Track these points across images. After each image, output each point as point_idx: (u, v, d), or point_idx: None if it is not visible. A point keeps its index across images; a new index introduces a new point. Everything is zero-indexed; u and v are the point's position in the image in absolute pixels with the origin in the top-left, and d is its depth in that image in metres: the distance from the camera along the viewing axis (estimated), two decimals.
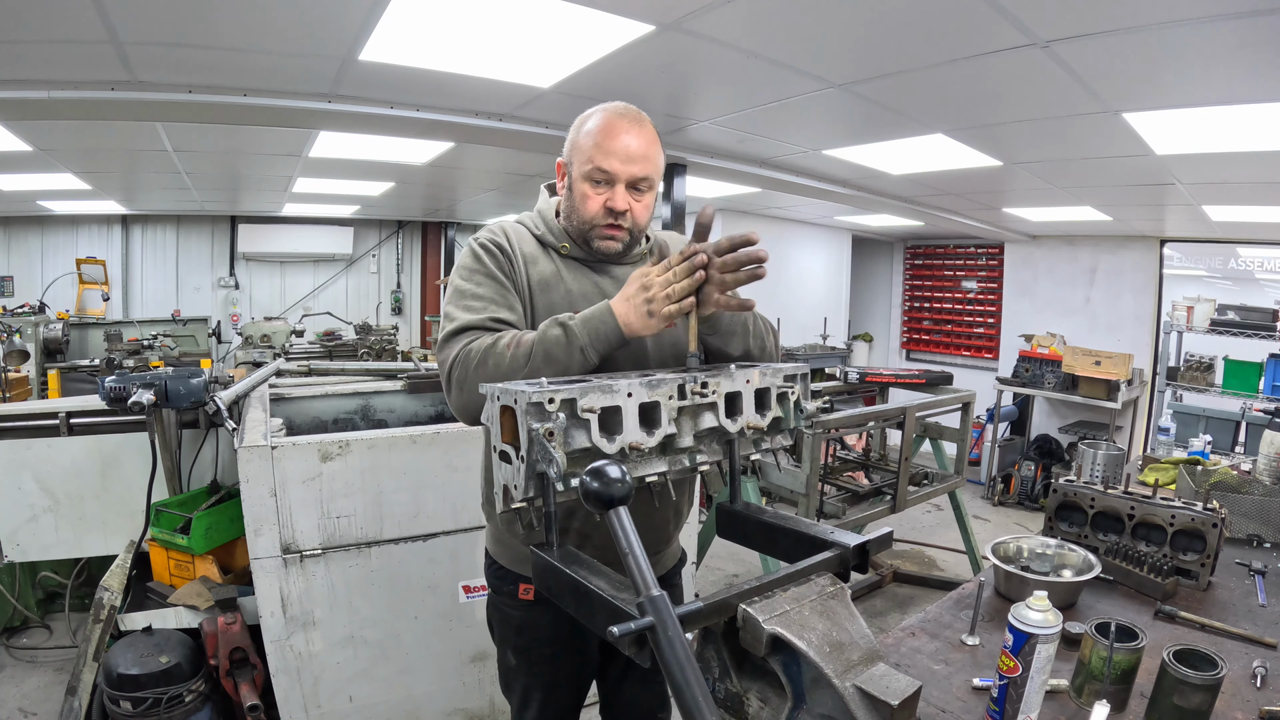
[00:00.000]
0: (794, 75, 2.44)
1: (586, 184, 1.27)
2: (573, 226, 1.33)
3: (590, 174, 1.26)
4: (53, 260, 6.89)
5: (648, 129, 1.28)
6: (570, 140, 1.31)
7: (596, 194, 1.27)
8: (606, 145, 1.24)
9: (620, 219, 1.29)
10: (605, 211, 1.28)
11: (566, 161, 1.32)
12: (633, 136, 1.25)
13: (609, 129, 1.25)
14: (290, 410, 2.90)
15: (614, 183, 1.26)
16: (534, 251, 1.34)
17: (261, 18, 2.06)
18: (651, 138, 1.28)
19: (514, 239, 1.34)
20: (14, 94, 2.49)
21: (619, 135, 1.25)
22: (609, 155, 1.24)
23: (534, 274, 1.32)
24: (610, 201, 1.27)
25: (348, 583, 2.20)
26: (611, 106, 1.29)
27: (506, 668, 1.48)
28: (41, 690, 2.64)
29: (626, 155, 1.25)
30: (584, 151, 1.26)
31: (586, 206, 1.29)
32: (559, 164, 1.36)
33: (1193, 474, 2.31)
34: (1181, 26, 1.79)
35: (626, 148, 1.25)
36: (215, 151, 4.25)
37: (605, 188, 1.27)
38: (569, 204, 1.32)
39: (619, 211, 1.28)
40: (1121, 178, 3.68)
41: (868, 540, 1.03)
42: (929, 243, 7.67)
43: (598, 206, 1.28)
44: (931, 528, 5.03)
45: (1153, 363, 5.75)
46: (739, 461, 1.15)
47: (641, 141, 1.26)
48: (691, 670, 0.71)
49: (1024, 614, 1.10)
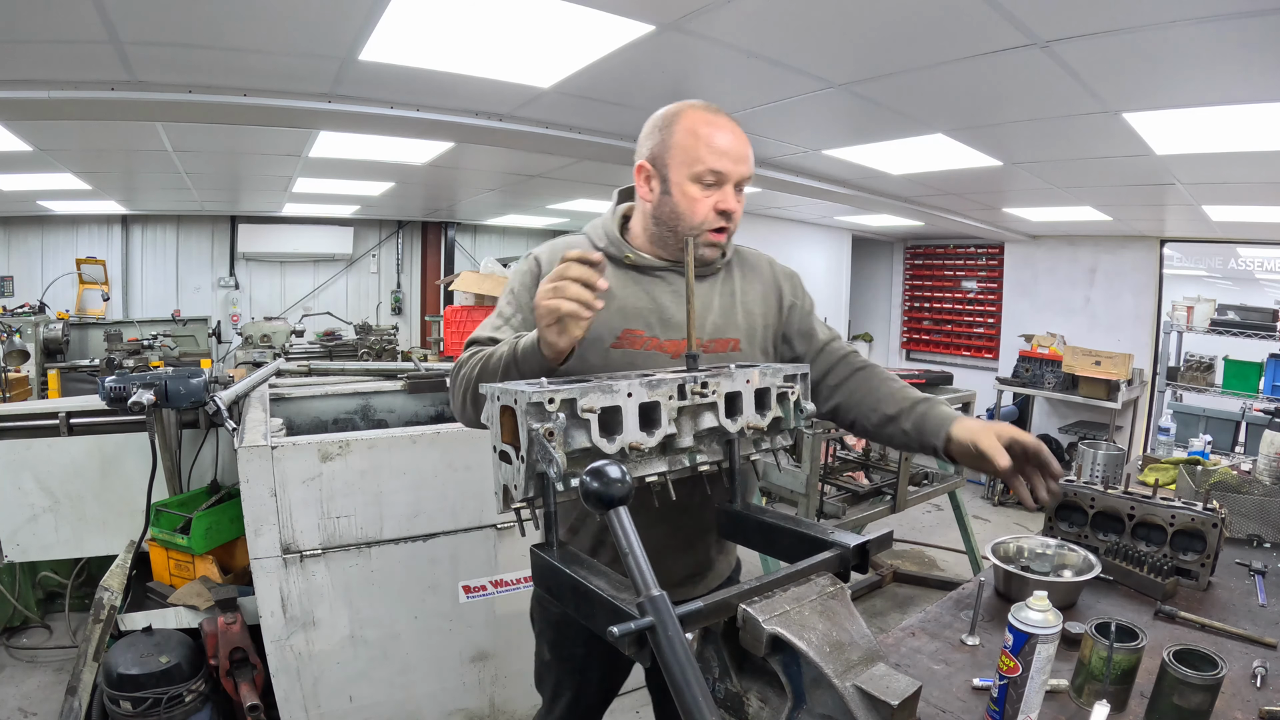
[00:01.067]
0: (794, 75, 2.44)
1: (695, 186, 1.22)
2: (671, 233, 1.27)
3: (700, 175, 1.21)
4: (53, 260, 6.88)
5: (739, 127, 1.25)
6: (659, 141, 1.24)
7: (705, 196, 1.22)
8: (716, 145, 1.20)
9: (729, 221, 1.25)
10: (716, 214, 1.23)
11: (658, 163, 1.24)
12: (735, 135, 1.22)
13: (712, 127, 1.21)
14: (290, 410, 2.90)
15: (725, 183, 1.22)
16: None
17: (261, 18, 2.06)
18: (746, 136, 1.25)
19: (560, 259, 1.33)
20: (14, 94, 2.49)
21: (724, 133, 1.21)
22: (721, 155, 1.20)
23: None
24: (722, 203, 1.23)
25: (348, 583, 2.20)
26: (701, 104, 1.25)
27: (541, 662, 1.52)
28: (41, 690, 2.64)
29: (737, 155, 1.21)
30: (688, 152, 1.21)
31: (695, 209, 1.23)
32: (641, 165, 1.27)
33: (1193, 474, 2.31)
34: (1181, 26, 1.79)
35: (734, 146, 1.21)
36: (215, 151, 4.25)
37: (715, 189, 1.22)
38: (666, 208, 1.25)
39: (730, 212, 1.24)
40: (1121, 178, 3.68)
41: (868, 540, 1.03)
42: (929, 243, 7.67)
43: (707, 209, 1.23)
44: (931, 528, 5.03)
45: (1153, 363, 5.75)
46: (739, 461, 1.15)
47: (743, 140, 1.23)
48: (691, 670, 0.71)
49: (1024, 614, 1.10)
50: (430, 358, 5.96)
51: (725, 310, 1.35)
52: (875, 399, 1.36)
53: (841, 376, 1.41)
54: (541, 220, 8.20)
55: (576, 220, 7.96)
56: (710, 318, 1.32)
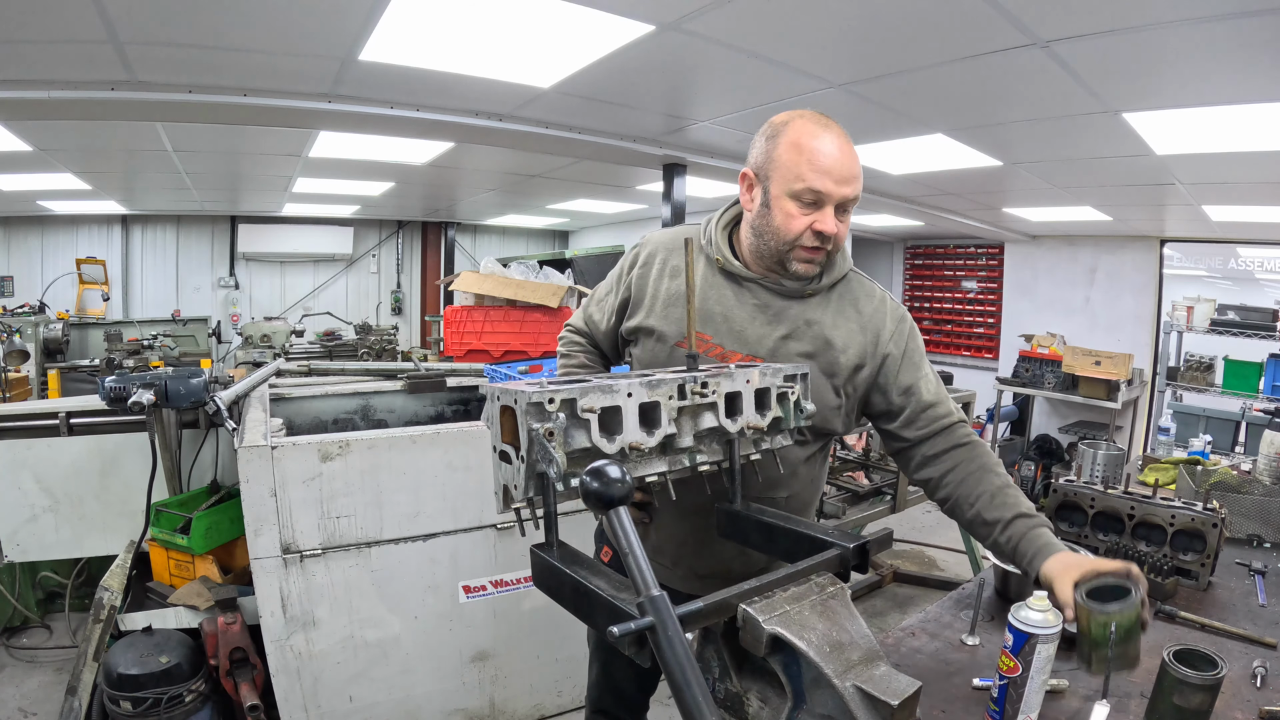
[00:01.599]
0: (794, 75, 2.44)
1: (793, 203, 1.19)
2: (766, 246, 1.24)
3: (799, 193, 1.17)
4: (53, 260, 6.88)
5: (851, 145, 1.20)
6: (764, 151, 1.21)
7: (803, 214, 1.19)
8: (819, 163, 1.16)
9: (825, 242, 1.21)
10: (812, 234, 1.19)
11: (761, 174, 1.22)
12: (846, 154, 1.18)
13: (817, 143, 1.17)
14: (290, 410, 2.90)
15: (824, 204, 1.18)
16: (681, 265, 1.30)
17: (261, 18, 2.06)
18: (856, 154, 1.20)
19: (662, 253, 1.37)
20: (14, 94, 2.49)
21: (829, 151, 1.16)
22: (823, 175, 1.16)
23: (670, 287, 1.32)
24: (819, 224, 1.18)
25: (348, 583, 2.20)
26: (812, 116, 1.20)
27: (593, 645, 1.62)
28: (41, 690, 2.64)
29: (841, 176, 1.17)
30: (790, 167, 1.17)
31: (790, 226, 1.19)
32: (745, 173, 1.25)
33: (1193, 474, 2.31)
34: (1181, 26, 1.79)
35: (839, 167, 1.16)
36: (215, 151, 4.25)
37: (813, 209, 1.18)
38: (763, 220, 1.23)
39: (828, 235, 1.20)
40: (1121, 178, 3.68)
41: (868, 540, 1.03)
42: (929, 243, 7.67)
43: (803, 227, 1.19)
44: (931, 528, 5.03)
45: (1153, 363, 5.74)
46: (739, 461, 1.15)
47: (851, 159, 1.18)
48: (691, 670, 0.71)
49: (1024, 614, 1.10)
50: (430, 358, 5.96)
51: (804, 336, 1.29)
52: (975, 494, 1.26)
53: (940, 448, 1.30)
54: (541, 220, 8.20)
55: (576, 220, 7.97)
56: (786, 342, 1.28)
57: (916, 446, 1.32)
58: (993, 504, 1.23)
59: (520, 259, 5.58)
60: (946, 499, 1.30)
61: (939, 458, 1.30)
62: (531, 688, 2.56)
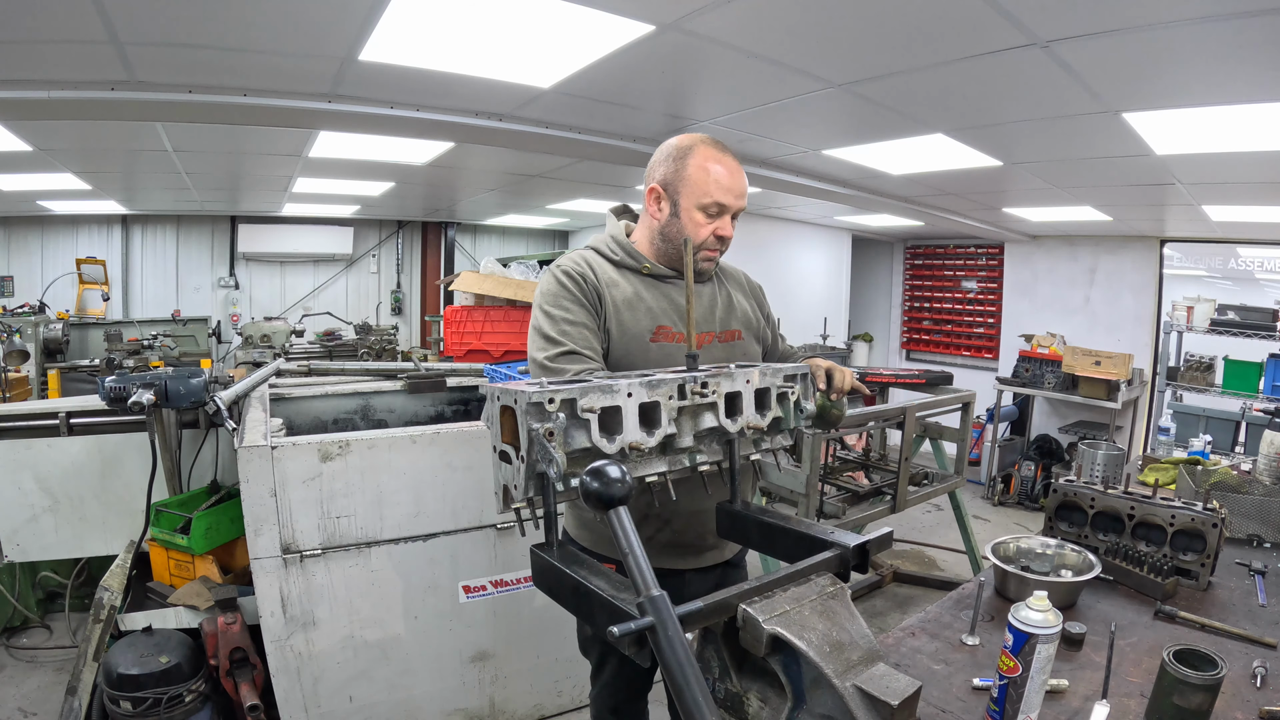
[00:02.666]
0: (794, 75, 2.44)
1: (701, 214, 1.44)
2: (673, 248, 1.49)
3: (706, 206, 1.44)
4: (53, 260, 6.88)
5: (739, 165, 1.48)
6: (673, 170, 1.46)
7: (708, 223, 1.45)
8: (725, 183, 1.43)
9: (723, 244, 1.49)
10: (715, 239, 1.47)
11: (670, 189, 1.46)
12: (737, 174, 1.45)
13: (725, 168, 1.43)
14: (290, 410, 2.90)
15: (725, 214, 1.46)
16: (612, 275, 1.50)
17: (261, 18, 2.06)
18: (743, 170, 1.48)
19: (593, 265, 1.51)
20: (14, 94, 2.49)
21: (729, 172, 1.44)
22: (726, 191, 1.43)
23: (617, 295, 1.47)
24: (721, 230, 1.46)
25: (348, 583, 2.20)
26: (711, 141, 1.46)
27: (584, 635, 1.64)
28: (41, 690, 2.64)
29: (737, 191, 1.45)
30: (699, 185, 1.43)
31: (699, 233, 1.45)
32: (653, 189, 1.49)
33: (1193, 474, 2.31)
34: (1181, 26, 1.79)
35: (736, 184, 1.45)
36: (215, 151, 4.24)
37: (716, 219, 1.46)
38: (674, 228, 1.47)
39: (727, 239, 1.48)
40: (1121, 178, 3.68)
41: (868, 540, 1.03)
42: (929, 243, 7.67)
43: (708, 233, 1.46)
44: (931, 528, 5.03)
45: (1153, 363, 5.74)
46: (739, 461, 1.15)
47: (742, 177, 1.46)
48: (691, 670, 0.71)
49: (1024, 614, 1.10)
50: (430, 358, 5.96)
51: (726, 307, 1.61)
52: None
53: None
54: (541, 220, 8.19)
55: (576, 220, 7.97)
56: (718, 312, 1.58)
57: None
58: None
59: (520, 259, 5.58)
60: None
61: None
62: (531, 688, 2.56)
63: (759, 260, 6.45)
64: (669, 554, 1.49)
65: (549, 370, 1.33)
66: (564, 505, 1.51)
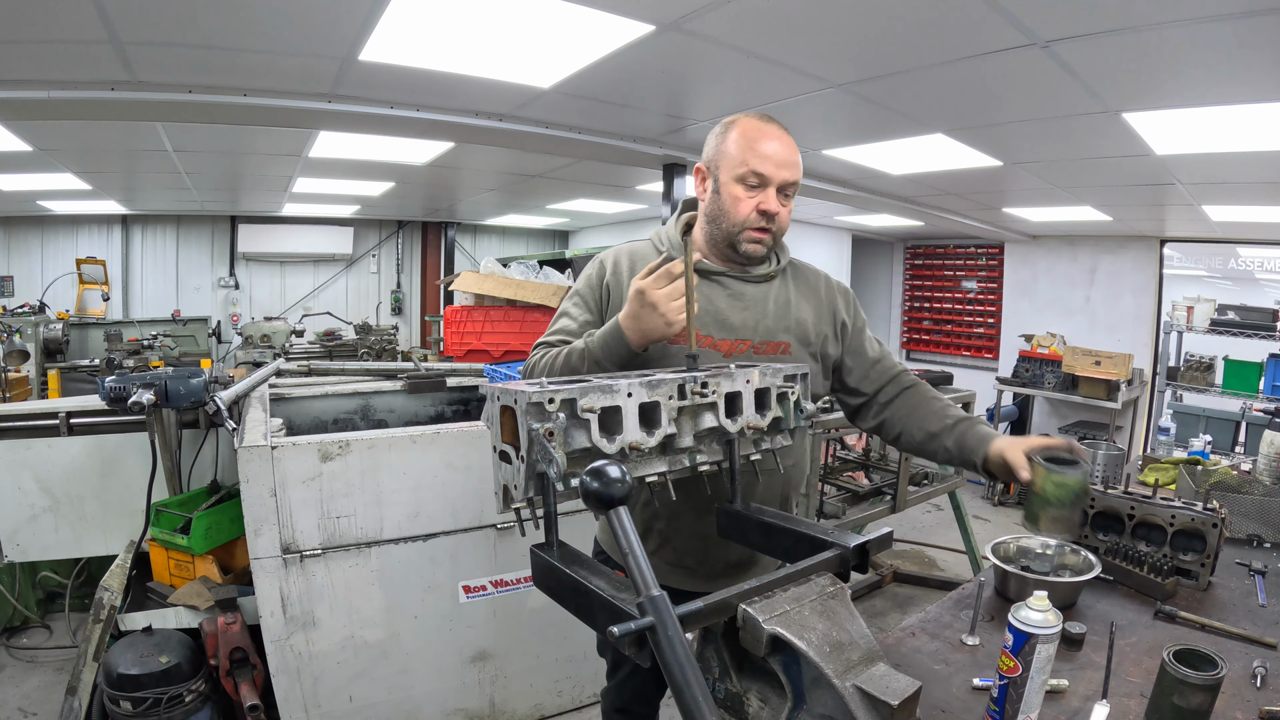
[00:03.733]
0: (794, 75, 2.44)
1: (739, 187, 1.32)
2: (719, 230, 1.37)
3: (744, 177, 1.31)
4: (53, 260, 6.88)
5: (790, 137, 1.34)
6: (714, 146, 1.36)
7: (749, 197, 1.32)
8: (760, 149, 1.29)
9: (770, 222, 1.34)
10: (758, 214, 1.32)
11: (712, 166, 1.36)
12: (782, 143, 1.31)
13: (759, 134, 1.31)
14: (290, 410, 2.90)
15: (767, 186, 1.31)
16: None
17: (261, 18, 2.06)
18: (795, 145, 1.34)
19: (627, 262, 1.42)
20: (14, 94, 2.49)
21: (770, 140, 1.30)
22: (764, 159, 1.29)
23: None
24: (763, 204, 1.32)
25: (348, 583, 2.20)
26: (757, 115, 1.34)
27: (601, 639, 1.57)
28: (41, 690, 2.64)
29: (779, 160, 1.30)
30: (734, 156, 1.31)
31: (738, 209, 1.33)
32: (699, 168, 1.40)
33: (1193, 474, 2.31)
34: (1181, 26, 1.79)
35: (780, 152, 1.30)
36: (215, 151, 4.25)
37: (758, 191, 1.32)
38: (715, 208, 1.36)
39: (771, 214, 1.32)
40: (1121, 178, 3.68)
41: (868, 540, 1.03)
42: (929, 243, 7.67)
43: (749, 209, 1.32)
44: (931, 528, 5.03)
45: (1153, 363, 5.74)
46: (739, 461, 1.15)
47: (790, 148, 1.32)
48: (691, 670, 0.71)
49: (1024, 614, 1.10)
50: (430, 358, 5.96)
51: (778, 315, 1.43)
52: (920, 416, 1.45)
53: (891, 395, 1.50)
54: (541, 220, 8.19)
55: (576, 220, 7.97)
56: (764, 321, 1.41)
57: (873, 398, 1.51)
58: (935, 418, 1.43)
59: (520, 259, 5.58)
60: (900, 434, 1.48)
61: (891, 403, 1.49)
62: (531, 688, 2.56)
63: None
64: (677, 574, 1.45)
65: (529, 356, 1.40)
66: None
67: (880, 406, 1.51)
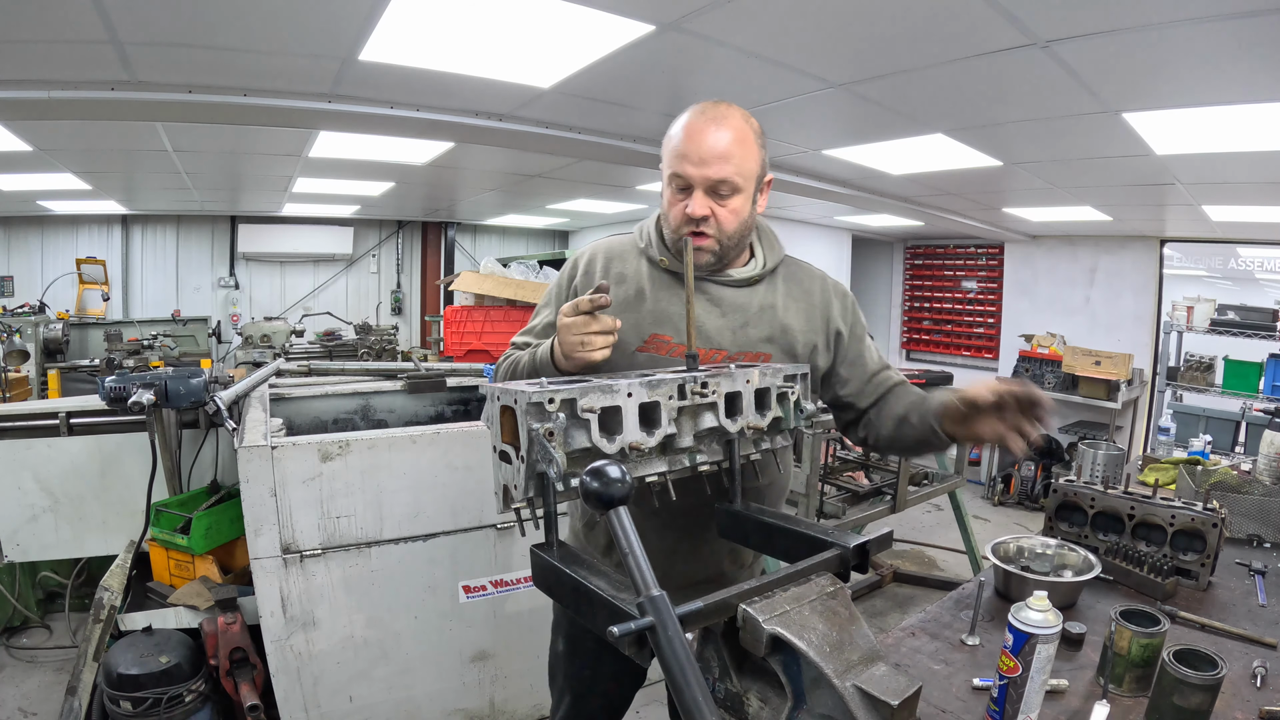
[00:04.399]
0: (794, 75, 2.44)
1: (669, 190, 1.23)
2: (667, 236, 1.28)
3: (670, 180, 1.22)
4: (53, 260, 6.88)
5: (732, 125, 1.18)
6: (664, 143, 1.25)
7: (679, 200, 1.21)
8: (684, 148, 1.18)
9: (702, 226, 1.20)
10: (685, 219, 1.21)
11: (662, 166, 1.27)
12: (710, 135, 1.17)
13: (689, 130, 1.19)
14: (290, 410, 2.90)
15: (691, 188, 1.19)
16: (625, 271, 1.32)
17: (261, 18, 2.06)
18: (737, 135, 1.19)
19: (602, 260, 1.34)
20: (14, 94, 2.49)
21: (697, 136, 1.17)
22: (683, 159, 1.18)
23: (621, 293, 1.28)
24: (691, 209, 1.19)
25: (348, 583, 2.20)
26: (698, 105, 1.22)
27: (555, 654, 1.51)
28: (41, 690, 2.64)
29: (700, 158, 1.17)
30: (666, 156, 1.22)
31: (671, 214, 1.23)
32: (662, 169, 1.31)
33: (1193, 474, 2.31)
34: (1181, 26, 1.79)
35: (701, 149, 1.17)
36: (215, 151, 4.24)
37: (685, 194, 1.20)
38: (663, 212, 1.28)
39: (696, 218, 1.19)
40: (1121, 178, 3.68)
41: (868, 540, 1.03)
42: (929, 243, 7.67)
43: (680, 213, 1.21)
44: (931, 528, 5.03)
45: (1153, 363, 5.74)
46: (739, 461, 1.15)
47: (721, 141, 1.17)
48: (691, 670, 0.71)
49: (1024, 614, 1.10)
50: (430, 358, 5.96)
51: (761, 322, 1.31)
52: (891, 408, 1.36)
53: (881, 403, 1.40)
54: (541, 220, 8.19)
55: (576, 220, 7.96)
56: (744, 329, 1.30)
57: (866, 413, 1.41)
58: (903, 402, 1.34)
59: (520, 259, 5.58)
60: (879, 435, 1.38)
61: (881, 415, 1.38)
62: (531, 688, 2.56)
63: None
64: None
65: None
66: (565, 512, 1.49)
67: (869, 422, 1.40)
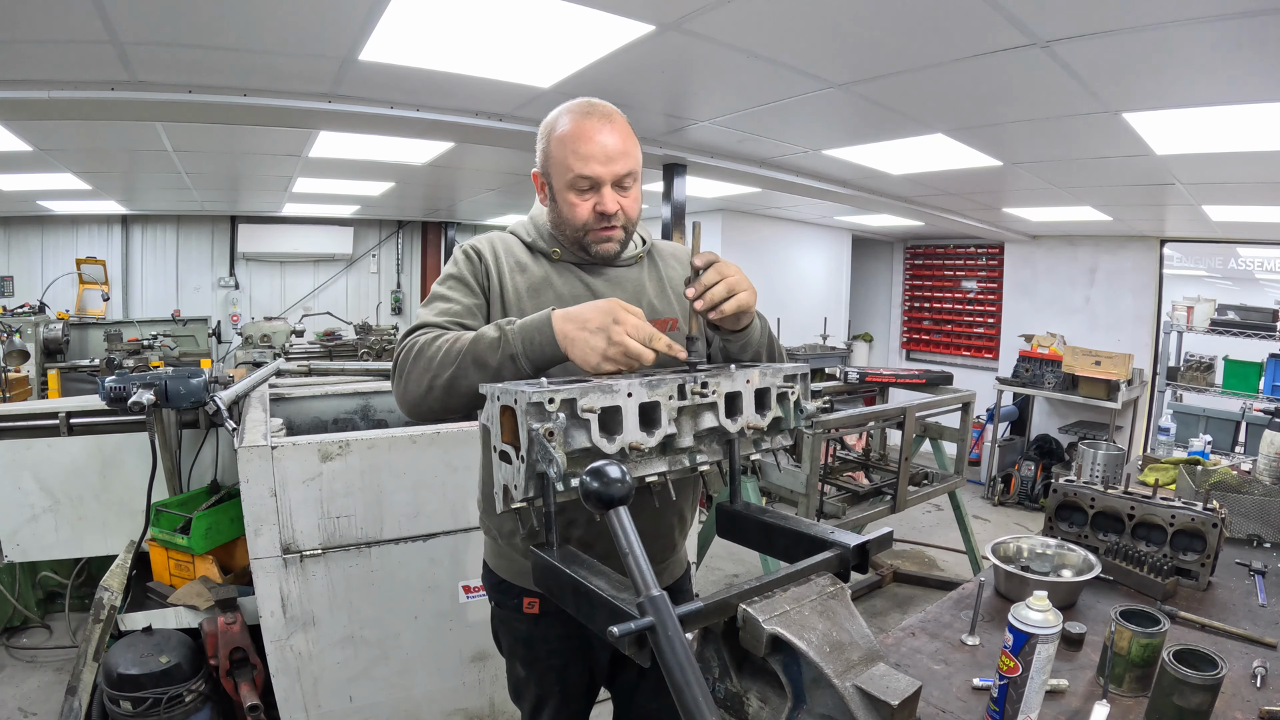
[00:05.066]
0: (794, 75, 2.44)
1: (571, 193, 1.26)
2: (564, 235, 1.32)
3: (574, 183, 1.24)
4: (53, 260, 6.88)
5: (619, 123, 1.26)
6: (542, 150, 1.28)
7: (584, 200, 1.26)
8: (584, 151, 1.22)
9: (613, 219, 1.28)
10: (597, 216, 1.26)
11: (544, 174, 1.29)
12: (607, 134, 1.23)
13: (581, 133, 1.23)
14: (290, 410, 2.90)
15: (599, 186, 1.25)
16: (523, 259, 1.35)
17: (261, 18, 2.06)
18: (625, 131, 1.27)
19: (499, 248, 1.35)
20: (14, 94, 2.49)
21: (593, 137, 1.22)
22: (588, 161, 1.22)
23: (521, 281, 1.31)
24: (600, 205, 1.25)
25: (348, 583, 2.20)
26: (576, 106, 1.27)
27: (516, 678, 1.48)
28: (41, 690, 2.64)
29: (605, 156, 1.22)
30: (561, 161, 1.24)
31: (576, 214, 1.27)
32: (535, 175, 1.33)
33: (1193, 474, 2.31)
34: (1181, 26, 1.79)
35: (604, 148, 1.22)
36: (215, 151, 4.25)
37: (592, 193, 1.25)
38: (555, 214, 1.31)
39: (610, 213, 1.26)
40: (1121, 178, 3.68)
41: (868, 540, 1.03)
42: (929, 243, 7.67)
43: (587, 212, 1.26)
44: (931, 528, 5.03)
45: (1153, 363, 5.75)
46: (739, 461, 1.15)
47: (617, 138, 1.24)
48: (691, 670, 0.71)
49: (1024, 614, 1.10)
50: None
51: (658, 293, 1.41)
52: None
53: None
54: None
55: None
56: (646, 300, 1.38)
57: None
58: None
59: None
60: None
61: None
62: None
63: (758, 260, 6.45)
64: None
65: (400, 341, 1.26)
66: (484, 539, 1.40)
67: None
